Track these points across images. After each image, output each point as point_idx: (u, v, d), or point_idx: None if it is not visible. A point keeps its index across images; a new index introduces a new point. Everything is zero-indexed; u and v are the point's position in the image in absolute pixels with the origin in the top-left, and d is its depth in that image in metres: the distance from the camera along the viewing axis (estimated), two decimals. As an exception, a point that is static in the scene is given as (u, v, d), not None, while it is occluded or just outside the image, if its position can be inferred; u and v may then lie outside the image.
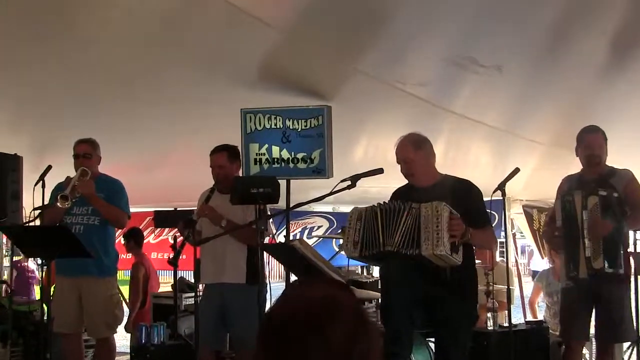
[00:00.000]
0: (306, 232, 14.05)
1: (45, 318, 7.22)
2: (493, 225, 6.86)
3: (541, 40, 7.06)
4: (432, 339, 6.77)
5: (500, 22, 6.80)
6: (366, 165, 6.66)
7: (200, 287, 7.55)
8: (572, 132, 7.03)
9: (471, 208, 5.93)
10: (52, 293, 7.54)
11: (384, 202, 6.00)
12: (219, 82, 8.00)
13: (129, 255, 12.34)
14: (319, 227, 14.05)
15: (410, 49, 7.37)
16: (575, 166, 7.07)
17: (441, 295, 5.87)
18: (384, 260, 6.06)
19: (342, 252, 6.64)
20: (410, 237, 5.70)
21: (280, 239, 9.35)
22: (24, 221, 8.30)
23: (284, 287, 8.87)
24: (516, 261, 13.06)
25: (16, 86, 7.93)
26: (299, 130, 8.14)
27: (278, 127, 8.22)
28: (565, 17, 6.70)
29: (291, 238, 8.31)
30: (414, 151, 6.15)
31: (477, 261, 6.59)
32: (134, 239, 11.50)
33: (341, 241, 8.09)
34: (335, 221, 13.84)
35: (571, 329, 6.93)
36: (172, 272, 8.72)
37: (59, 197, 7.19)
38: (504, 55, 7.36)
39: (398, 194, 6.30)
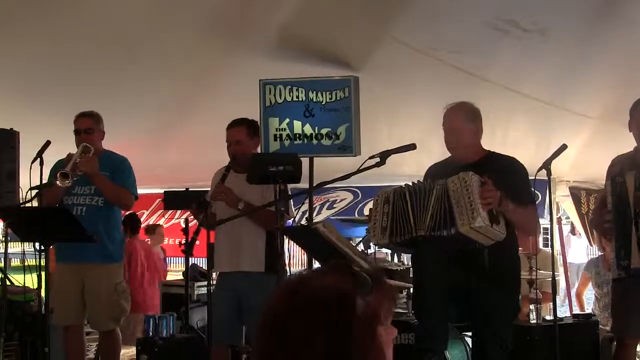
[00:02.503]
0: (326, 205, 13.96)
1: (43, 309, 7.19)
2: (537, 202, 6.75)
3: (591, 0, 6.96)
4: (469, 334, 6.70)
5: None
6: (397, 141, 6.59)
7: (214, 275, 7.49)
8: (627, 104, 6.88)
9: (514, 185, 5.84)
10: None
11: (413, 183, 5.92)
12: (235, 49, 7.96)
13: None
14: (342, 199, 13.95)
15: (444, 12, 7.30)
16: (630, 143, 6.92)
17: (479, 285, 5.79)
18: (415, 247, 5.98)
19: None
20: (442, 216, 5.62)
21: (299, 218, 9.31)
22: (20, 202, 8.26)
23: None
24: (562, 248, 12.93)
25: (12, 55, 7.89)
26: (324, 103, 8.07)
27: (300, 99, 8.16)
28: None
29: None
30: (467, 122, 6.10)
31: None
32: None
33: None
34: (360, 194, 13.72)
35: (624, 323, 6.81)
36: (184, 258, 8.69)
37: (58, 174, 7.11)
38: (549, 18, 7.27)
39: (434, 171, 6.22)
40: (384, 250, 8.76)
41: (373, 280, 2.27)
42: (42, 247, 6.84)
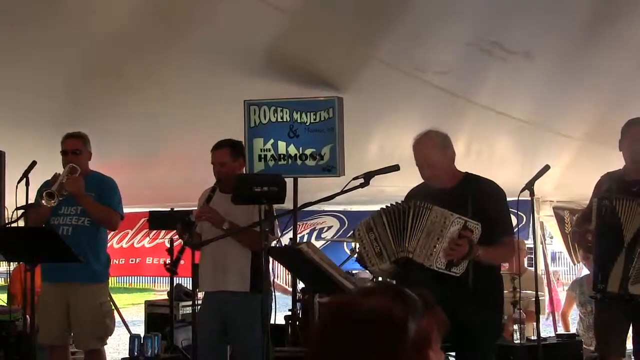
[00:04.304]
0: (315, 233, 14.02)
1: (29, 328, 7.20)
2: (521, 225, 6.75)
3: (575, 22, 7.00)
4: (452, 353, 6.72)
5: (530, 3, 6.74)
6: (381, 162, 6.62)
7: (200, 295, 7.51)
8: (610, 126, 6.94)
9: (491, 215, 5.85)
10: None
11: (387, 206, 5.95)
12: (220, 70, 7.98)
13: (122, 260, 12.36)
14: (329, 227, 14.02)
15: (430, 34, 7.34)
16: (613, 164, 6.94)
17: (462, 304, 5.81)
18: (401, 267, 6.00)
19: (366, 269, 6.55)
20: (415, 239, 5.69)
21: (286, 242, 9.33)
22: (6, 222, 8.27)
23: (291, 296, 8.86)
24: (546, 268, 12.95)
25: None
26: (308, 123, 8.12)
27: (285, 120, 8.21)
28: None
29: (298, 241, 8.27)
30: (439, 153, 6.02)
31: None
32: None
33: (353, 244, 8.03)
34: (346, 220, 13.80)
35: (606, 342, 6.85)
36: (169, 278, 8.70)
37: (44, 194, 7.16)
38: (534, 40, 7.31)
39: (414, 194, 6.24)
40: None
41: (424, 303, 2.25)
42: (28, 267, 6.87)
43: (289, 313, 8.83)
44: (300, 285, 8.68)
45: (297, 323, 8.63)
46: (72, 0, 6.81)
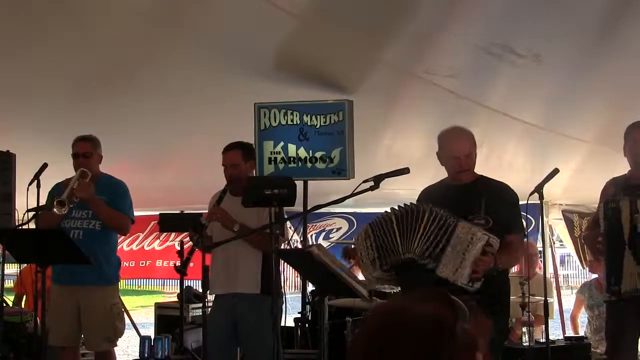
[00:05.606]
0: (322, 234, 14.00)
1: (39, 330, 7.21)
2: (529, 230, 6.73)
3: (586, 25, 6.98)
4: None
5: (539, 5, 6.73)
6: (391, 165, 6.61)
7: (210, 297, 7.51)
8: (619, 129, 6.90)
9: (503, 213, 5.87)
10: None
11: (399, 206, 5.94)
12: (230, 73, 7.98)
13: (132, 263, 12.35)
14: (338, 228, 14.00)
15: (439, 37, 7.32)
16: (622, 167, 6.93)
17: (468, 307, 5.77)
18: (403, 271, 5.98)
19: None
20: (432, 247, 5.65)
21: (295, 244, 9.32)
22: (17, 224, 8.29)
23: (300, 298, 8.86)
24: (555, 272, 12.93)
25: (10, 78, 7.92)
26: (318, 126, 8.11)
27: (295, 123, 8.20)
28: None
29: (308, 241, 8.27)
30: (473, 146, 6.14)
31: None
32: None
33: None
34: (355, 222, 13.77)
35: (616, 345, 6.84)
36: (178, 281, 8.71)
37: (55, 202, 7.16)
38: (543, 43, 7.29)
39: (429, 193, 6.25)
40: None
41: (470, 309, 2.23)
42: (39, 269, 6.87)
43: (299, 315, 8.83)
44: (310, 286, 8.68)
45: (307, 325, 8.63)
46: (83, 3, 6.82)
